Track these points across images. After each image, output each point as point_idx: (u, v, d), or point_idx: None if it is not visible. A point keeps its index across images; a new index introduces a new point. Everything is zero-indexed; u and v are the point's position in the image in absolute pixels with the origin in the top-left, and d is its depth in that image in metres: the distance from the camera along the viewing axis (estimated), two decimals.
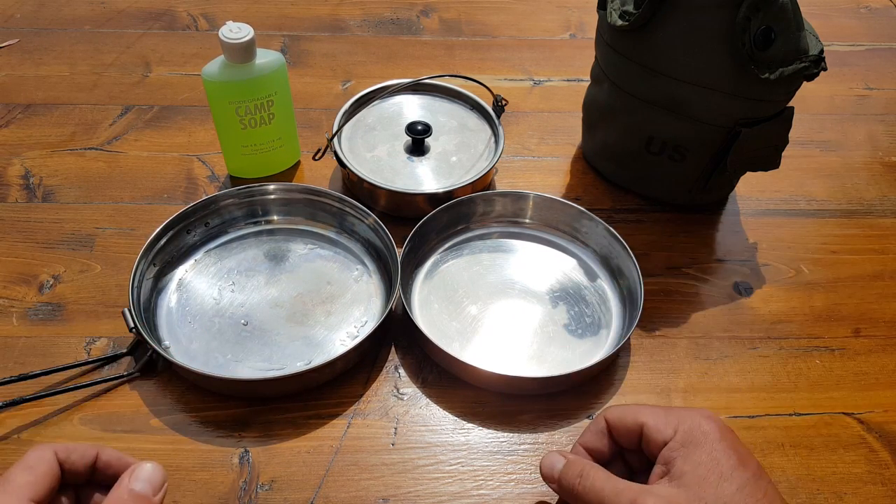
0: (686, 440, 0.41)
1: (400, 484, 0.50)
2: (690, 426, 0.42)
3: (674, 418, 0.43)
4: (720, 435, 0.41)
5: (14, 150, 0.73)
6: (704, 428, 0.42)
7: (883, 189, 0.76)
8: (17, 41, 0.86)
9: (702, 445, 0.41)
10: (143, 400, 0.54)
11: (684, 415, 0.43)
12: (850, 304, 0.64)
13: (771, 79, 0.57)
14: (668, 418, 0.43)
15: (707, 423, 0.42)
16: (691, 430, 0.42)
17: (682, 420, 0.42)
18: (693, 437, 0.41)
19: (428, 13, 0.96)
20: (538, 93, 0.85)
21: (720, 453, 0.40)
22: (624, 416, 0.45)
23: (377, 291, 0.61)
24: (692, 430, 0.42)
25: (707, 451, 0.40)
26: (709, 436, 0.41)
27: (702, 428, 0.42)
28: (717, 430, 0.42)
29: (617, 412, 0.45)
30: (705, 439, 0.41)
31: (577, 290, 0.62)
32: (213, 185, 0.70)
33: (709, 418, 0.42)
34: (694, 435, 0.41)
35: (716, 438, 0.41)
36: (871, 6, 1.04)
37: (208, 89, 0.63)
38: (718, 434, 0.41)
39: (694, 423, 0.42)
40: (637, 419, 0.44)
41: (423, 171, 0.68)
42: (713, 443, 0.41)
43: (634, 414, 0.44)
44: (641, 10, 0.59)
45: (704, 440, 0.41)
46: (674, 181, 0.68)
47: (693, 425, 0.42)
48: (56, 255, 0.63)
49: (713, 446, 0.41)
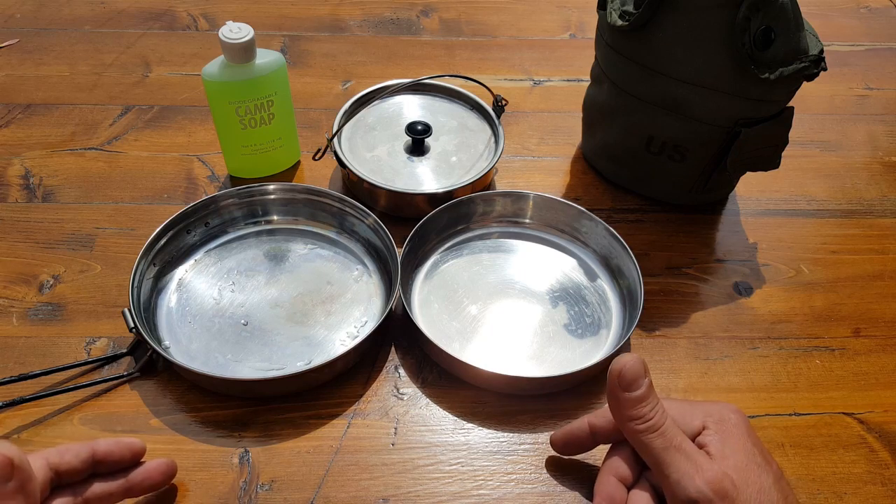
0: (718, 428, 0.43)
1: (400, 484, 0.50)
2: (720, 416, 0.44)
3: (700, 410, 0.44)
4: (747, 428, 0.43)
5: (14, 150, 0.73)
6: (734, 419, 0.44)
7: (883, 189, 0.76)
8: (17, 41, 0.86)
9: (735, 434, 0.43)
10: (143, 400, 0.54)
11: (710, 407, 0.45)
12: (850, 304, 0.64)
13: (771, 79, 0.57)
14: (694, 410, 0.45)
15: (735, 415, 0.44)
16: (722, 419, 0.43)
17: (709, 412, 0.44)
18: (725, 426, 0.43)
19: (428, 13, 0.96)
20: (538, 93, 0.85)
21: (752, 445, 0.42)
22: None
23: (377, 291, 0.61)
24: (723, 419, 0.43)
25: (741, 441, 0.42)
26: (739, 426, 0.43)
27: (731, 419, 0.44)
28: (744, 421, 0.44)
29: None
30: (737, 429, 0.43)
31: (577, 290, 0.62)
32: (213, 185, 0.70)
33: (735, 410, 0.44)
34: (725, 423, 0.43)
35: (745, 430, 0.43)
36: (871, 6, 1.04)
37: (208, 89, 0.63)
38: (746, 427, 0.43)
39: (723, 412, 0.44)
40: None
41: (423, 171, 0.68)
42: (744, 434, 0.43)
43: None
44: (641, 10, 0.59)
45: (736, 430, 0.43)
46: (674, 181, 0.68)
47: (723, 415, 0.44)
48: (56, 255, 0.63)
49: (745, 438, 0.43)
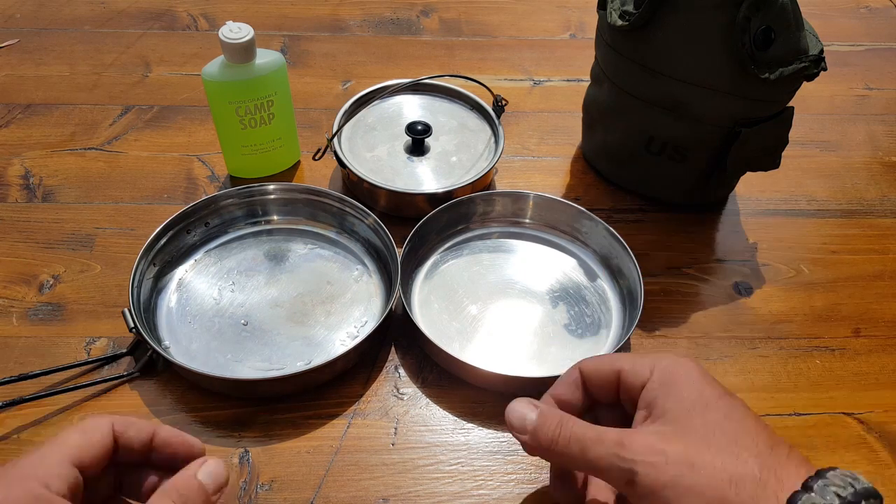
0: (665, 379, 0.40)
1: (400, 484, 0.50)
2: (668, 364, 0.40)
3: (650, 360, 0.41)
4: (699, 372, 0.40)
5: (14, 150, 0.73)
6: (683, 366, 0.40)
7: (883, 189, 0.76)
8: (17, 41, 0.86)
9: (682, 381, 0.39)
10: (143, 400, 0.54)
11: (661, 356, 0.41)
12: (850, 304, 0.64)
13: (771, 79, 0.57)
14: (644, 361, 0.41)
15: (685, 362, 0.40)
16: (669, 368, 0.40)
17: (658, 360, 0.41)
18: (672, 376, 0.40)
19: (428, 13, 0.96)
20: (538, 93, 0.85)
21: (702, 385, 0.39)
22: (600, 365, 0.43)
23: (377, 291, 0.61)
24: (669, 368, 0.40)
25: (688, 386, 0.39)
26: (690, 372, 0.40)
27: (680, 365, 0.40)
28: (696, 367, 0.40)
29: (593, 362, 0.43)
30: (686, 376, 0.39)
31: (577, 290, 0.62)
32: (213, 185, 0.70)
33: (685, 357, 0.41)
34: (672, 372, 0.40)
35: (696, 375, 0.39)
36: (871, 6, 1.04)
37: (208, 89, 0.63)
38: (698, 371, 0.40)
39: (671, 361, 0.40)
40: (613, 366, 0.42)
41: (423, 171, 0.68)
42: (694, 378, 0.39)
43: (611, 362, 0.42)
44: (641, 10, 0.59)
45: (686, 376, 0.39)
46: (674, 181, 0.68)
47: (670, 364, 0.40)
48: (56, 255, 0.63)
49: (693, 381, 0.39)
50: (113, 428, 0.39)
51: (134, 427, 0.40)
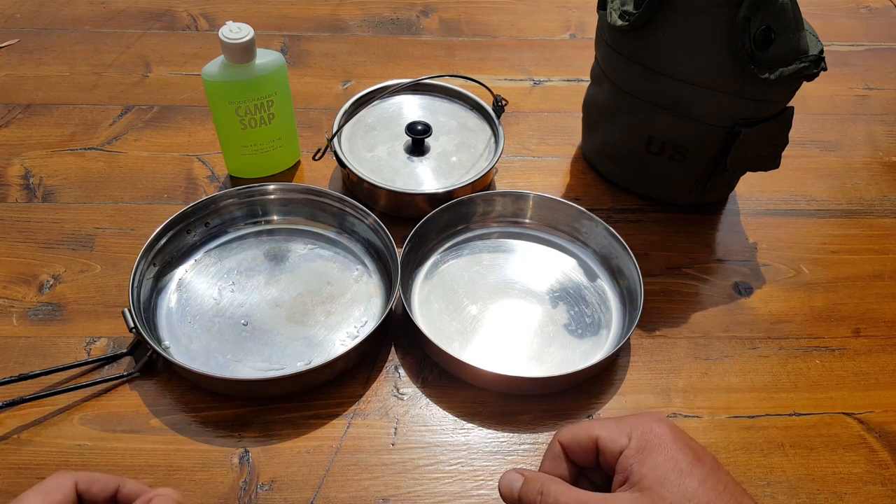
0: (641, 445, 0.41)
1: (400, 484, 0.50)
2: (643, 431, 0.42)
3: (626, 426, 0.42)
4: (673, 436, 0.41)
5: (14, 150, 0.73)
6: (657, 431, 0.41)
7: (883, 189, 0.76)
8: (17, 41, 0.86)
9: (657, 448, 0.40)
10: (143, 400, 0.54)
11: (635, 421, 0.43)
12: (850, 304, 0.64)
13: (771, 79, 0.57)
14: (620, 427, 0.42)
15: (659, 426, 0.42)
16: (644, 434, 0.41)
17: (634, 427, 0.42)
18: (648, 442, 0.41)
19: (428, 13, 0.96)
20: (538, 93, 0.85)
21: (676, 452, 0.40)
22: (577, 435, 0.44)
23: (377, 291, 0.61)
24: (645, 434, 0.41)
25: (663, 453, 0.40)
26: (663, 438, 0.41)
27: (655, 431, 0.41)
28: (670, 431, 0.41)
29: (569, 432, 0.44)
30: (660, 441, 0.41)
31: (577, 290, 0.62)
32: (213, 185, 0.70)
33: (660, 421, 0.42)
34: (648, 439, 0.41)
35: (670, 439, 0.41)
36: (871, 6, 1.04)
37: (208, 89, 0.63)
38: (671, 435, 0.41)
39: (646, 427, 0.42)
40: (590, 434, 0.43)
41: (423, 171, 0.68)
42: (668, 444, 0.41)
43: (587, 430, 0.43)
44: (641, 10, 0.59)
45: (659, 442, 0.41)
46: (674, 181, 0.68)
47: (646, 430, 0.42)
48: (56, 255, 0.63)
49: (668, 447, 0.40)
50: (76, 486, 0.39)
51: (98, 483, 0.40)
